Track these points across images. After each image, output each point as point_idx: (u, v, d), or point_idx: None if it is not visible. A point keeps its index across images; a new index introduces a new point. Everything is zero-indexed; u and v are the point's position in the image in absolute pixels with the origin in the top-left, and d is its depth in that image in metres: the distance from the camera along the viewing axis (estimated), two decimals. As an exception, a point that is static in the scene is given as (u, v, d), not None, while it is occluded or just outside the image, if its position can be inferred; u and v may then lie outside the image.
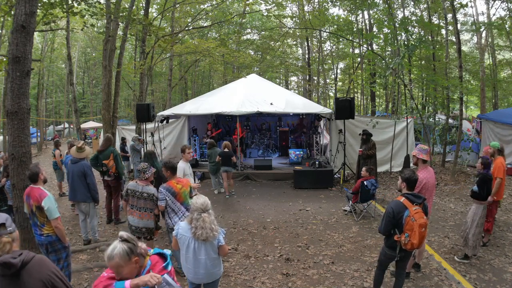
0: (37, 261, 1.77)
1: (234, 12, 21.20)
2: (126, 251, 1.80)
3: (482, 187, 4.32)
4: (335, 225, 5.93)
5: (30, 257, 1.75)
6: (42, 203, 3.28)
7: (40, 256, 1.83)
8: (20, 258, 1.71)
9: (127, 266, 1.81)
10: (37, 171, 3.43)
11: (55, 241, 3.41)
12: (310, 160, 9.71)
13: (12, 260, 1.67)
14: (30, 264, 1.73)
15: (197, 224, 2.64)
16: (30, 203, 3.41)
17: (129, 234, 1.90)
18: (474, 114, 24.79)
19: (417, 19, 13.93)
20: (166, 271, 1.92)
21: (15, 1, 4.07)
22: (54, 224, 3.34)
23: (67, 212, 7.08)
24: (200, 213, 2.66)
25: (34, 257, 1.77)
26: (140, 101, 11.74)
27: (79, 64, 31.90)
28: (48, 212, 3.30)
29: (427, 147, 3.97)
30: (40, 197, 3.31)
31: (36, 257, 1.78)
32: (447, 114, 11.67)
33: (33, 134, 21.95)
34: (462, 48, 13.67)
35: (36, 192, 3.36)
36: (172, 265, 2.02)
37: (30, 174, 3.44)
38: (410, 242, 2.97)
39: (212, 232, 2.65)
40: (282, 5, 18.64)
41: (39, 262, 1.78)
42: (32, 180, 3.45)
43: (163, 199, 3.84)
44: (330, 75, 27.76)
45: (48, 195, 3.35)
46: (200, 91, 24.37)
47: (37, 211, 3.36)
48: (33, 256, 1.77)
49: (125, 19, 8.66)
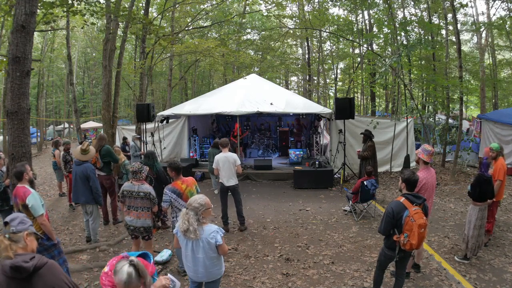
0: (49, 267, 1.76)
1: (234, 12, 21.21)
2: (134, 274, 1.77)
3: (475, 187, 4.25)
4: (335, 225, 5.93)
5: (43, 262, 1.75)
6: (27, 201, 3.28)
7: (52, 262, 1.82)
8: (33, 262, 1.69)
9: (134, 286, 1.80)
10: (22, 170, 3.44)
11: (43, 241, 3.36)
12: (310, 160, 9.71)
13: (24, 265, 1.66)
14: (42, 270, 1.72)
15: (181, 215, 2.74)
16: (17, 202, 3.40)
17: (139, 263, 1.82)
18: (474, 114, 24.81)
19: (417, 19, 13.95)
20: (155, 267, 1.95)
21: (15, 1, 4.07)
22: (39, 221, 3.32)
23: (67, 212, 7.09)
24: (185, 208, 2.74)
25: (47, 263, 1.76)
26: (140, 101, 11.76)
27: (79, 64, 31.90)
28: (33, 209, 3.29)
29: (431, 149, 3.90)
30: (24, 195, 3.32)
31: (48, 262, 1.78)
32: (447, 114, 11.68)
33: (33, 134, 21.95)
34: (462, 48, 13.67)
35: (21, 190, 3.37)
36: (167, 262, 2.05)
37: (15, 172, 3.45)
38: (409, 242, 2.97)
39: (189, 231, 2.61)
40: (282, 5, 18.63)
41: (51, 268, 1.77)
42: (17, 178, 3.46)
43: (168, 200, 3.85)
44: (330, 75, 27.76)
45: (32, 192, 3.34)
46: (200, 91, 24.37)
47: (23, 209, 3.34)
48: (46, 262, 1.76)
49: (125, 18, 8.66)
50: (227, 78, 21.92)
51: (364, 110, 25.92)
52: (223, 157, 5.54)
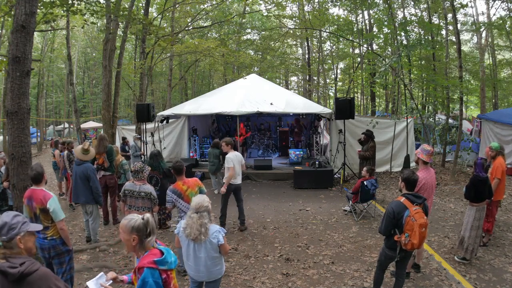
0: (40, 275, 1.68)
1: (234, 12, 21.20)
2: (133, 225, 1.98)
3: (470, 189, 4.22)
4: (335, 225, 5.93)
5: (33, 269, 1.66)
6: (48, 205, 3.16)
7: (45, 270, 1.74)
8: (20, 269, 1.62)
9: (125, 235, 2.00)
10: (41, 171, 3.29)
11: (58, 245, 3.31)
12: (310, 160, 9.71)
13: (10, 270, 1.60)
14: (32, 277, 1.64)
15: (187, 222, 2.69)
16: (33, 206, 3.23)
17: (152, 220, 2.06)
18: (474, 114, 24.80)
19: (417, 19, 13.94)
20: (155, 266, 1.93)
21: (15, 1, 4.07)
22: (60, 226, 3.24)
23: (67, 212, 7.08)
24: (192, 213, 2.69)
25: (38, 270, 1.68)
26: (140, 101, 11.75)
27: (79, 64, 31.90)
28: (54, 213, 3.19)
29: (430, 148, 3.90)
30: (44, 199, 3.19)
31: (40, 270, 1.69)
32: (447, 114, 11.67)
33: (33, 134, 21.95)
34: (462, 48, 13.66)
35: (40, 194, 3.22)
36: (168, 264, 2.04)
37: (35, 174, 3.26)
38: (410, 242, 2.97)
39: (200, 235, 2.63)
40: (282, 5, 18.63)
41: (42, 277, 1.69)
42: (35, 181, 3.29)
43: (170, 201, 3.90)
44: (330, 75, 27.77)
45: (52, 196, 3.23)
46: (200, 91, 24.37)
47: (41, 213, 3.22)
48: (36, 269, 1.68)
49: (125, 18, 8.66)
50: (227, 78, 21.91)
51: (364, 110, 25.92)
52: (234, 156, 5.52)
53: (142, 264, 1.93)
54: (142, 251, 2.01)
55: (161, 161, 5.74)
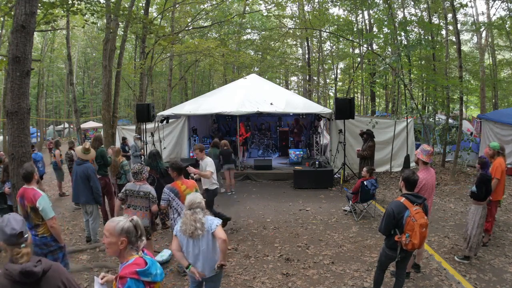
0: (54, 269, 1.81)
1: (234, 12, 21.20)
2: (123, 227, 1.87)
3: (480, 187, 4.26)
4: (335, 225, 5.93)
5: (49, 265, 1.78)
6: (37, 204, 3.20)
7: (57, 264, 1.86)
8: (42, 266, 1.73)
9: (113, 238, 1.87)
10: (32, 170, 3.34)
11: (49, 242, 3.34)
12: (310, 160, 9.71)
13: (34, 269, 1.68)
14: (49, 272, 1.76)
15: (182, 220, 2.76)
16: (24, 204, 3.29)
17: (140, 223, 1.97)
18: (474, 114, 24.80)
19: (417, 19, 13.95)
20: (137, 277, 1.81)
21: (15, 1, 4.07)
22: (49, 224, 3.27)
23: (67, 212, 7.08)
24: (186, 210, 2.76)
25: (52, 265, 1.81)
26: (140, 101, 11.75)
27: (79, 64, 31.91)
28: (43, 212, 3.22)
29: (430, 148, 3.90)
30: (34, 198, 3.22)
31: (53, 265, 1.82)
32: (447, 114, 11.67)
33: (33, 134, 21.93)
34: (462, 48, 13.67)
35: (30, 192, 3.26)
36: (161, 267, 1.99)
37: (25, 173, 3.33)
38: (411, 242, 2.97)
39: (196, 230, 2.67)
40: (282, 5, 18.64)
41: (56, 270, 1.82)
42: (26, 179, 3.34)
43: (166, 199, 3.87)
44: (330, 75, 27.78)
45: (42, 194, 3.26)
46: (200, 91, 24.37)
47: (31, 212, 3.26)
48: (51, 265, 1.80)
49: (125, 18, 8.67)
50: (227, 78, 21.92)
51: (364, 110, 25.93)
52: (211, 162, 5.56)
53: (124, 273, 1.83)
54: (128, 256, 1.91)
55: (159, 161, 5.76)
